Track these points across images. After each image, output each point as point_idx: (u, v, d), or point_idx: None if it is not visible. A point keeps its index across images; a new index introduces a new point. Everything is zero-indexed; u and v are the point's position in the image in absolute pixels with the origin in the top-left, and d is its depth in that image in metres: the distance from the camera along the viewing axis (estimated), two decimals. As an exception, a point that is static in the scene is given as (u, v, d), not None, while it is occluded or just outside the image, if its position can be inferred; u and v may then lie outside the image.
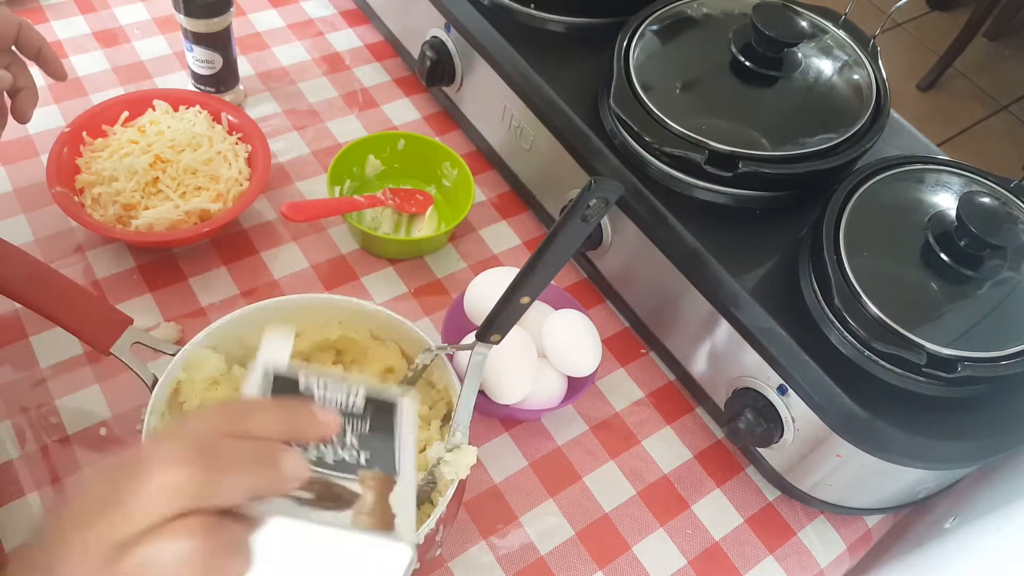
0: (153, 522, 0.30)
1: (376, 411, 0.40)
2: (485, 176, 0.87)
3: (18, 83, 0.61)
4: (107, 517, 0.30)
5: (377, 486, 0.37)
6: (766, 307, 0.62)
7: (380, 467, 0.37)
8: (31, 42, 0.62)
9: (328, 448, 0.37)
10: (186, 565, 0.30)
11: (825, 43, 0.76)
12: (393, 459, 0.38)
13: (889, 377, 0.59)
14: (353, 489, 0.36)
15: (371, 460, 0.38)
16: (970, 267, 0.61)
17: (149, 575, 0.30)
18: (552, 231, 0.49)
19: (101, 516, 0.31)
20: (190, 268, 0.75)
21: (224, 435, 0.32)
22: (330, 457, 0.37)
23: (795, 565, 0.67)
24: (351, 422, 0.39)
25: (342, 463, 0.37)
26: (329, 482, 0.35)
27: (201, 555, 0.30)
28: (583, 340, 0.67)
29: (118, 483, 0.31)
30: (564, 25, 0.79)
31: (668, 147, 0.66)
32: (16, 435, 0.63)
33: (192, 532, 0.30)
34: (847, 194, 0.65)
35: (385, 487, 0.37)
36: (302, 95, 0.91)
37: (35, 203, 0.76)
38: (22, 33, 0.61)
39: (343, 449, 0.37)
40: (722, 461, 0.71)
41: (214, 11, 0.78)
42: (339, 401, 0.40)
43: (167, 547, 0.30)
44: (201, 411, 0.34)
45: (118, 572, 0.30)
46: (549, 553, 0.64)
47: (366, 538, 0.34)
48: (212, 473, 0.31)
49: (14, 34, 0.61)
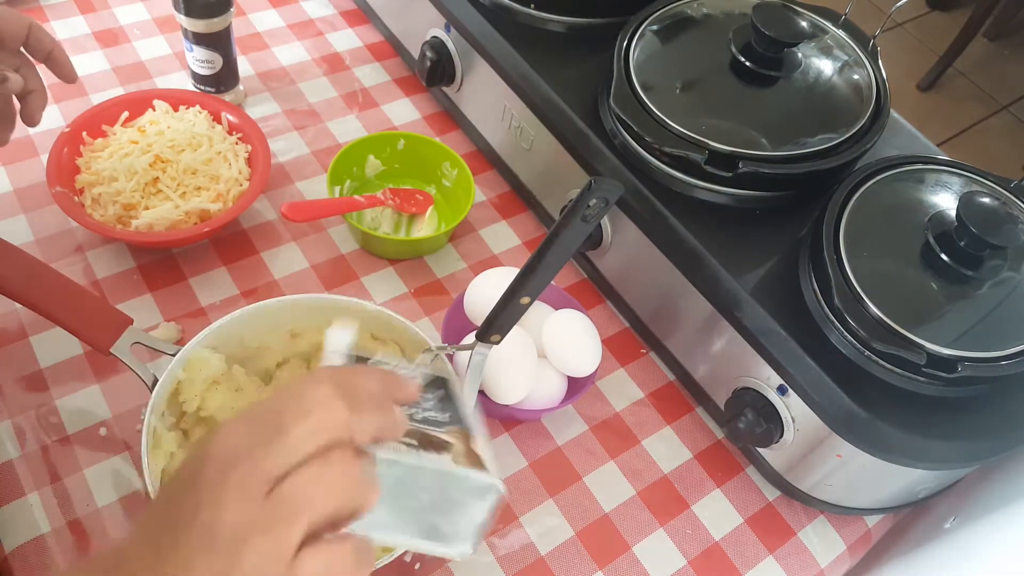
0: (309, 453, 0.33)
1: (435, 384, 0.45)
2: (485, 176, 0.87)
3: (28, 86, 0.60)
4: (266, 451, 0.33)
5: (462, 437, 0.42)
6: (766, 307, 0.62)
7: (459, 424, 0.43)
8: (41, 44, 0.61)
9: (414, 408, 0.42)
10: (335, 490, 0.33)
11: (825, 43, 0.76)
12: (464, 417, 0.44)
13: (889, 377, 0.59)
14: (446, 439, 0.41)
15: (450, 418, 0.43)
16: (970, 267, 0.61)
17: (308, 499, 0.33)
18: (552, 231, 0.49)
19: (261, 451, 0.33)
20: (190, 268, 0.75)
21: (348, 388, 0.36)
22: (420, 415, 0.42)
23: (795, 565, 0.67)
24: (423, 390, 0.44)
25: (429, 420, 0.42)
26: (425, 432, 0.41)
27: (349, 481, 0.34)
28: (583, 340, 0.67)
29: (281, 417, 0.34)
30: (564, 25, 0.79)
31: (668, 147, 0.66)
32: (16, 435, 0.63)
33: (346, 458, 0.34)
34: (847, 194, 0.65)
35: (467, 438, 0.42)
36: (302, 95, 0.91)
37: (35, 203, 0.76)
38: (32, 34, 0.60)
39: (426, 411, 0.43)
40: (722, 461, 0.71)
41: (214, 11, 0.78)
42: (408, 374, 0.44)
43: (323, 472, 0.33)
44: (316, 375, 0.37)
45: (275, 500, 0.32)
46: (549, 553, 0.64)
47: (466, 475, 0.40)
48: (354, 413, 0.34)
49: (24, 35, 0.60)
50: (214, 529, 0.32)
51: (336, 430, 0.34)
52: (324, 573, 0.33)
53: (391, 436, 0.37)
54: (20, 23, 0.60)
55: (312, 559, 0.33)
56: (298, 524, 0.33)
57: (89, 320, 0.60)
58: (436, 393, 0.44)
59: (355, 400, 0.35)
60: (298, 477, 0.33)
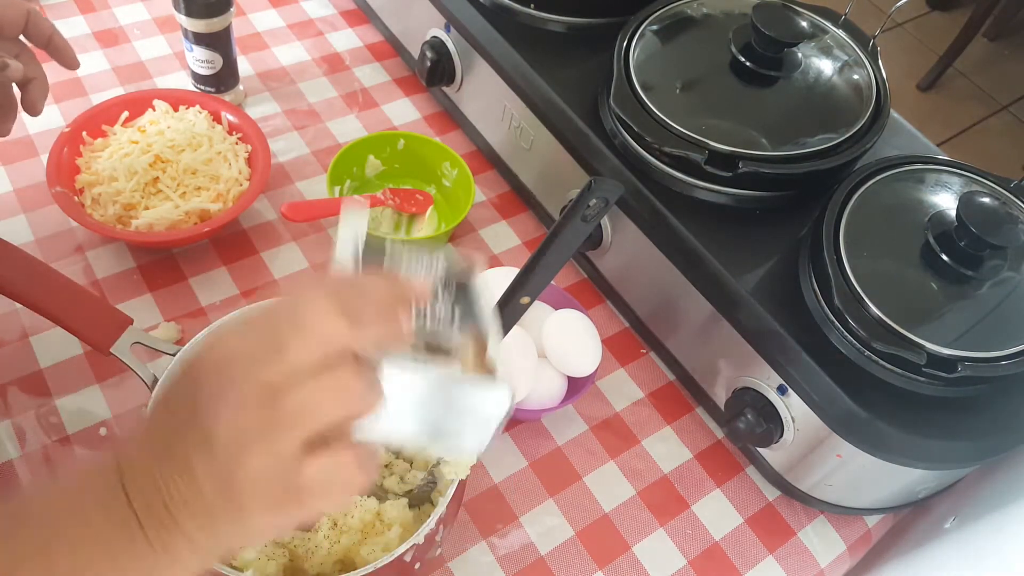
0: (311, 364, 0.33)
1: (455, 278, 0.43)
2: (485, 176, 0.87)
3: (28, 73, 0.59)
4: (265, 360, 0.33)
5: (473, 344, 0.40)
6: (766, 307, 0.62)
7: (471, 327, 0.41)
8: (41, 30, 0.60)
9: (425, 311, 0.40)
10: (337, 399, 0.33)
11: (825, 43, 0.76)
12: (479, 320, 0.42)
13: (889, 377, 0.59)
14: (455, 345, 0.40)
15: (463, 322, 0.41)
16: (970, 267, 0.61)
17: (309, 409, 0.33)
18: (552, 231, 0.49)
19: (258, 360, 0.33)
20: (190, 268, 0.75)
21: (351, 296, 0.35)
22: (429, 320, 0.40)
23: (795, 565, 0.67)
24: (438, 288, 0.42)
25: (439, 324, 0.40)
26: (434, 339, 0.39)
27: (355, 387, 0.33)
28: (583, 340, 0.67)
29: (278, 331, 0.33)
30: (564, 25, 0.79)
31: (668, 147, 0.66)
32: (16, 435, 0.63)
33: (347, 368, 0.33)
34: (847, 194, 0.65)
35: (479, 344, 0.40)
36: (302, 95, 0.91)
37: (35, 203, 0.76)
38: (31, 21, 0.59)
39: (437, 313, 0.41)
40: (722, 461, 0.71)
41: (214, 11, 0.78)
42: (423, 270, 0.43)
43: (324, 382, 0.33)
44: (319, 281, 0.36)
45: (275, 408, 0.32)
46: (549, 553, 0.64)
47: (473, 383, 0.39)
48: (356, 324, 0.34)
49: (23, 22, 0.59)
50: (213, 435, 0.32)
51: (336, 344, 0.33)
52: (326, 479, 0.33)
53: (396, 346, 0.36)
54: (19, 10, 0.58)
55: (314, 465, 0.33)
56: (298, 432, 0.32)
57: (89, 320, 0.60)
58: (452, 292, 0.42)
59: (355, 313, 0.34)
60: (298, 387, 0.32)
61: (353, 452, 0.34)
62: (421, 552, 0.53)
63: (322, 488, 0.33)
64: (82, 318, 0.60)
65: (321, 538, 0.54)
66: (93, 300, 0.61)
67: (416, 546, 0.51)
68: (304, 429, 0.33)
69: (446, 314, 0.41)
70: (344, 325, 0.33)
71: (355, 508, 0.55)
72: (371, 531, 0.55)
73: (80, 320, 0.59)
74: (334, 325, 0.33)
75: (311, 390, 0.33)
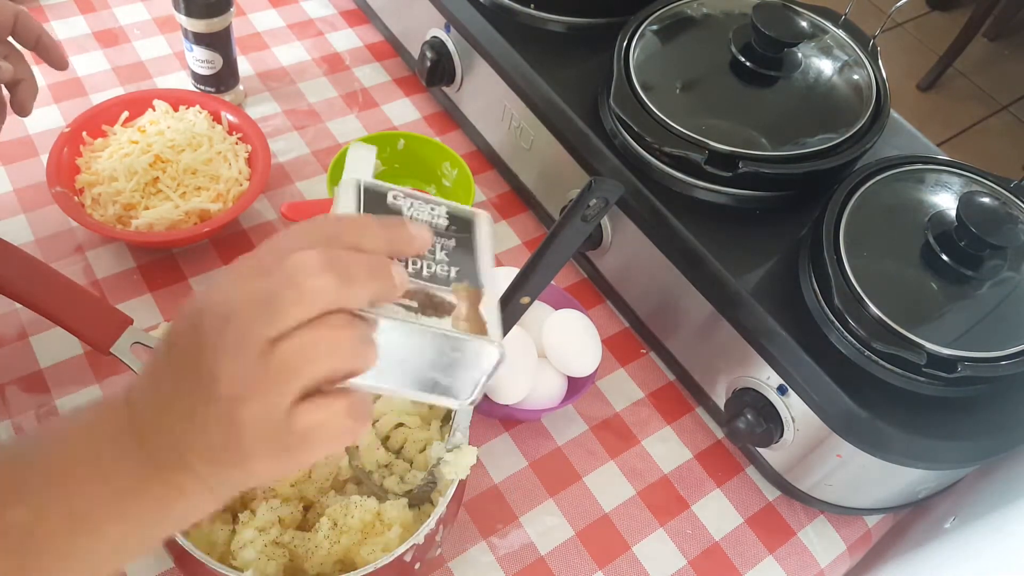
0: (303, 319, 0.34)
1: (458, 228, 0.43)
2: (485, 176, 0.87)
3: (16, 74, 0.59)
4: (261, 315, 0.33)
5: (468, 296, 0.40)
6: (766, 307, 0.62)
7: (468, 280, 0.41)
8: (29, 31, 0.60)
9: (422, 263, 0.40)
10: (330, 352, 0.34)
11: (825, 43, 0.76)
12: (477, 273, 0.42)
13: (889, 377, 0.59)
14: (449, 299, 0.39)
15: (460, 274, 0.41)
16: (970, 267, 0.61)
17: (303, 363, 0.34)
18: (552, 231, 0.49)
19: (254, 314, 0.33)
20: (190, 268, 0.75)
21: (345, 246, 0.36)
22: (425, 271, 0.40)
23: (795, 565, 0.67)
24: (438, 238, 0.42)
25: (435, 276, 0.40)
26: (428, 292, 0.39)
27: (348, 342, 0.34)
28: (583, 340, 0.67)
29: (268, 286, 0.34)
30: (564, 25, 0.79)
31: (668, 147, 0.66)
32: (16, 435, 0.63)
33: (340, 323, 0.34)
34: (847, 194, 0.65)
35: (474, 298, 0.40)
36: (302, 95, 0.91)
37: (35, 203, 0.76)
38: (19, 22, 0.59)
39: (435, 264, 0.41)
40: (722, 461, 0.71)
41: (214, 11, 0.78)
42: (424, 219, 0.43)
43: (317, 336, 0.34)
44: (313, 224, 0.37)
45: (271, 359, 0.33)
46: (549, 553, 0.64)
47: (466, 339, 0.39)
48: (346, 279, 0.34)
49: (11, 23, 0.59)
50: (215, 380, 0.33)
51: (326, 301, 0.34)
52: (319, 426, 0.34)
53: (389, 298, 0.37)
54: (6, 11, 0.58)
55: (308, 413, 0.34)
56: (293, 383, 0.34)
57: (89, 320, 0.60)
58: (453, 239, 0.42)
59: (346, 270, 0.34)
60: (292, 340, 0.33)
61: (346, 401, 0.35)
62: (421, 552, 0.53)
63: (317, 435, 0.35)
64: (82, 318, 0.60)
65: (321, 538, 0.54)
66: (93, 300, 0.61)
67: (416, 546, 0.51)
68: (298, 381, 0.34)
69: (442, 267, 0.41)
70: (333, 283, 0.34)
71: (355, 508, 0.55)
72: (371, 531, 0.55)
73: (80, 320, 0.59)
74: (325, 282, 0.34)
75: (305, 344, 0.33)
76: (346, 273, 0.34)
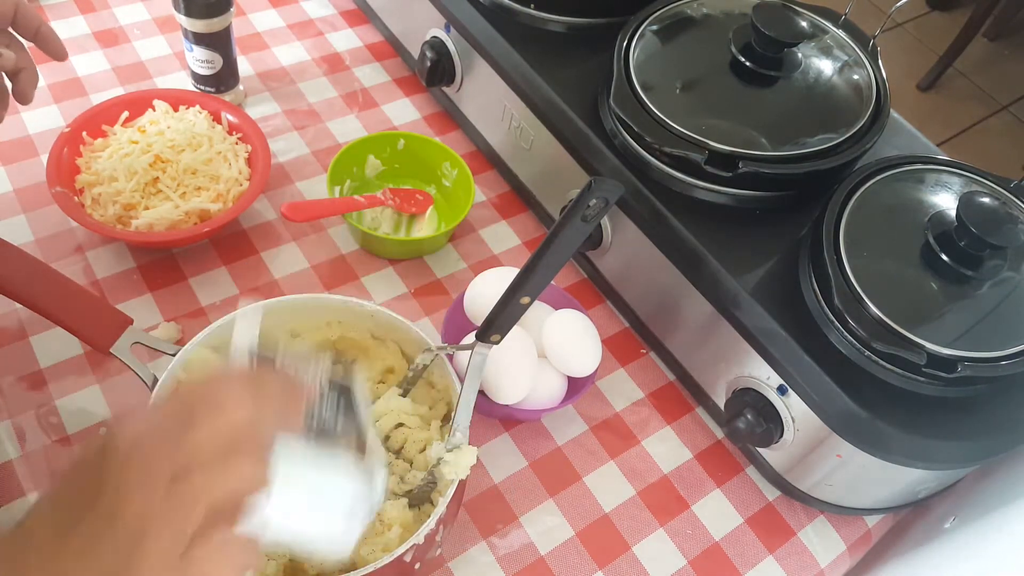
0: (217, 443, 0.35)
1: (339, 391, 0.47)
2: (485, 176, 0.87)
3: (18, 63, 0.60)
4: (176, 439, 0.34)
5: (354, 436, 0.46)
6: (766, 307, 0.62)
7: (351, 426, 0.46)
8: (29, 22, 0.61)
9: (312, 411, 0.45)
10: (236, 484, 0.35)
11: (825, 43, 0.76)
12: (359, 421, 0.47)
13: (889, 377, 0.59)
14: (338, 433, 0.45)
15: (344, 423, 0.46)
16: (970, 267, 0.61)
17: (203, 493, 0.34)
18: (552, 231, 0.49)
19: (168, 442, 0.34)
20: (190, 268, 0.75)
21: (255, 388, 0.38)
22: (316, 419, 0.45)
23: (795, 565, 0.67)
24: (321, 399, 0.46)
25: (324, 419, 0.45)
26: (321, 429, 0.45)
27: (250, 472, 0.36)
28: (583, 340, 0.67)
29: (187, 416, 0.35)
30: (564, 25, 0.79)
31: (668, 147, 0.66)
32: (16, 435, 0.63)
33: (247, 455, 0.36)
34: (847, 194, 0.65)
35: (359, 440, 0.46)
36: (302, 95, 0.91)
37: (35, 203, 0.76)
38: (19, 12, 0.60)
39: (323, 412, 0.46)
40: (722, 461, 0.71)
41: (214, 11, 0.78)
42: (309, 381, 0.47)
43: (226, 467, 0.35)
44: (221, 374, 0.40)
45: (178, 491, 0.34)
46: (549, 553, 0.64)
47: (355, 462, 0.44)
48: (261, 408, 0.36)
49: (11, 13, 0.59)
50: (116, 514, 0.33)
51: (243, 428, 0.35)
52: (215, 559, 0.35)
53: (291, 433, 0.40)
54: (7, 2, 0.59)
55: (202, 548, 0.34)
56: (196, 513, 0.34)
57: (89, 320, 0.60)
58: (336, 392, 0.47)
59: (262, 401, 0.36)
60: (200, 467, 0.34)
61: (237, 539, 0.36)
62: (421, 552, 0.53)
63: (211, 567, 0.35)
64: (82, 318, 0.60)
65: (321, 538, 0.54)
66: (93, 300, 0.61)
67: (416, 546, 0.51)
68: (202, 509, 0.34)
69: (330, 413, 0.46)
70: (251, 407, 0.36)
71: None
72: (371, 531, 0.55)
73: (80, 320, 0.59)
74: (245, 409, 0.35)
75: (212, 472, 0.34)
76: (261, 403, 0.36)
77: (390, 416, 0.61)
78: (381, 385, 0.64)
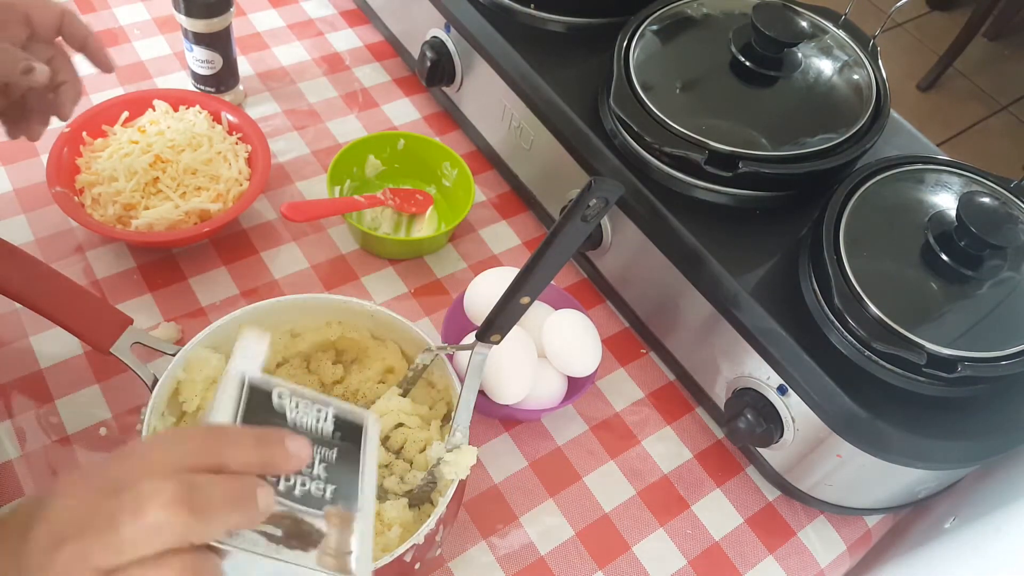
0: (142, 556, 0.31)
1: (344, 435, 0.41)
2: (485, 176, 0.87)
3: (60, 77, 0.58)
4: (97, 543, 0.31)
5: (340, 522, 0.38)
6: (766, 307, 0.62)
7: (343, 503, 0.38)
8: (76, 32, 0.59)
9: (297, 479, 0.38)
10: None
11: (825, 43, 0.76)
12: (356, 491, 0.39)
13: (889, 377, 0.59)
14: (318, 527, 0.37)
15: (336, 494, 0.39)
16: (970, 267, 0.61)
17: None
18: (552, 231, 0.49)
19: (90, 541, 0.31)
20: (190, 268, 0.75)
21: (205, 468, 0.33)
22: (299, 490, 0.37)
23: (795, 565, 0.67)
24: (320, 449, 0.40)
25: (309, 497, 0.37)
26: (296, 518, 0.36)
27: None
28: (583, 340, 0.67)
29: (111, 513, 0.31)
30: (564, 25, 0.79)
31: (668, 147, 0.66)
32: (16, 435, 0.63)
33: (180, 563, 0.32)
34: (847, 194, 0.65)
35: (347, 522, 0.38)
36: (302, 95, 0.91)
37: (35, 203, 0.76)
38: (66, 22, 0.58)
39: (311, 481, 0.38)
40: (722, 461, 0.71)
41: (214, 11, 0.78)
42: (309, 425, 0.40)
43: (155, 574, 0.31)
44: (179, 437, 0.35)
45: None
46: (549, 553, 0.64)
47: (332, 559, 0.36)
48: (198, 514, 0.32)
49: (57, 24, 0.57)
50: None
51: (171, 537, 0.32)
52: None
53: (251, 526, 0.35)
54: (53, 11, 0.57)
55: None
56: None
57: (89, 320, 0.60)
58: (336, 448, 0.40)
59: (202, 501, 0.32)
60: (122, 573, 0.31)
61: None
62: (421, 552, 0.53)
63: None
64: (82, 318, 0.60)
65: (321, 538, 0.54)
66: (93, 300, 0.61)
67: (416, 546, 0.51)
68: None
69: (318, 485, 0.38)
70: (182, 518, 0.31)
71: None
72: (371, 531, 0.55)
73: (80, 320, 0.59)
74: (175, 516, 0.31)
75: None
76: (201, 505, 0.32)
77: (390, 416, 0.61)
78: (381, 385, 0.64)
